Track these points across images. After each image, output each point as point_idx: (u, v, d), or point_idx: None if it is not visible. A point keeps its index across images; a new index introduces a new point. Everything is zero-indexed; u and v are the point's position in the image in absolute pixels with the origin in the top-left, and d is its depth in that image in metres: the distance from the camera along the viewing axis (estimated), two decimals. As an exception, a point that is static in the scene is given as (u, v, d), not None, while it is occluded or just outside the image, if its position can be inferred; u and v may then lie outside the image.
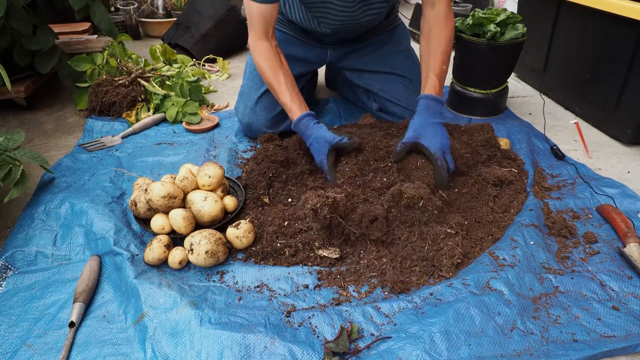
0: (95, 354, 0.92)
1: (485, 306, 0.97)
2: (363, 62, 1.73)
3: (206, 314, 0.97)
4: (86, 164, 1.56)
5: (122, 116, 1.86)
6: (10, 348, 0.93)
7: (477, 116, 1.89)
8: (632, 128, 1.66)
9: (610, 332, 0.95)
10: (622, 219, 1.22)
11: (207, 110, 1.99)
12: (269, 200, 1.32)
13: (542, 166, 1.53)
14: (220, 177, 1.26)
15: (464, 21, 1.81)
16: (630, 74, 1.61)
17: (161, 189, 1.16)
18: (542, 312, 0.99)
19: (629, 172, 1.54)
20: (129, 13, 3.04)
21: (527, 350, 0.90)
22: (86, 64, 1.96)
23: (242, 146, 1.66)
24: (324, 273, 1.10)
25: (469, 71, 1.88)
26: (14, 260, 1.15)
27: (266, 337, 0.92)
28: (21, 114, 1.94)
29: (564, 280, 1.07)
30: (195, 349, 0.90)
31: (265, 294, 1.05)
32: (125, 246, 1.17)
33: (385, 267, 1.09)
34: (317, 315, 0.98)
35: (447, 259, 1.08)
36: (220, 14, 2.57)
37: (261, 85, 1.65)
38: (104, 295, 1.06)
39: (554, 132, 1.80)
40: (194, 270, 1.13)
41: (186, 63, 2.31)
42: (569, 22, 1.88)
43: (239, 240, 1.15)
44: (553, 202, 1.35)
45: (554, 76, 2.04)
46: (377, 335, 0.94)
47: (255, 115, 1.64)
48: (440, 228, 1.14)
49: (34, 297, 1.05)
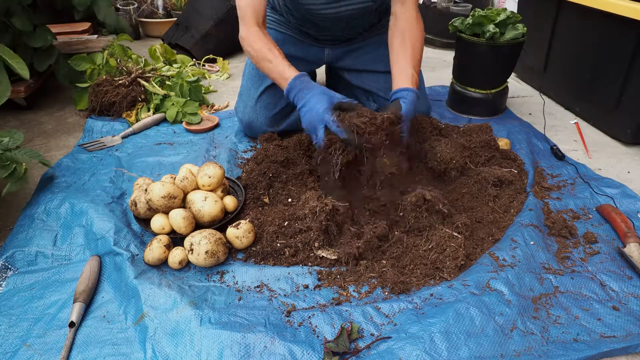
0: (95, 354, 0.92)
1: (485, 306, 0.97)
2: (361, 62, 1.74)
3: (206, 314, 0.97)
4: (86, 164, 1.56)
5: (122, 116, 1.86)
6: (10, 348, 0.93)
7: (477, 116, 1.89)
8: (632, 128, 1.66)
9: (610, 333, 0.95)
10: (622, 219, 1.22)
11: (207, 110, 1.99)
12: (269, 200, 1.32)
13: (542, 166, 1.53)
14: (220, 177, 1.26)
15: (464, 21, 1.81)
16: (630, 74, 1.61)
17: (161, 189, 1.16)
18: (542, 313, 0.99)
19: (629, 172, 1.54)
20: (129, 13, 3.04)
21: (527, 350, 0.90)
22: (86, 64, 1.96)
23: (242, 146, 1.66)
24: (324, 273, 1.10)
25: (469, 71, 1.88)
26: (14, 260, 1.15)
27: (266, 336, 0.92)
28: (21, 114, 1.94)
29: (564, 281, 1.07)
30: (196, 349, 0.90)
31: (265, 294, 1.05)
32: (125, 246, 1.17)
33: (385, 268, 1.09)
34: (317, 315, 0.98)
35: (451, 260, 1.08)
36: (220, 14, 2.57)
37: (261, 84, 1.65)
38: (104, 295, 1.06)
39: (554, 132, 1.80)
40: (194, 270, 1.13)
41: (186, 63, 2.31)
42: (569, 22, 1.88)
43: (239, 240, 1.15)
44: (553, 202, 1.35)
45: (554, 76, 2.05)
46: (377, 335, 0.94)
47: (256, 113, 1.64)
48: (445, 230, 1.14)
49: (34, 297, 1.05)
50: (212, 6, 2.58)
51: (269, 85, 1.64)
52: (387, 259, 1.11)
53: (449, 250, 1.10)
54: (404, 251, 1.12)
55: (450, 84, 1.99)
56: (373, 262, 1.11)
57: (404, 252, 1.12)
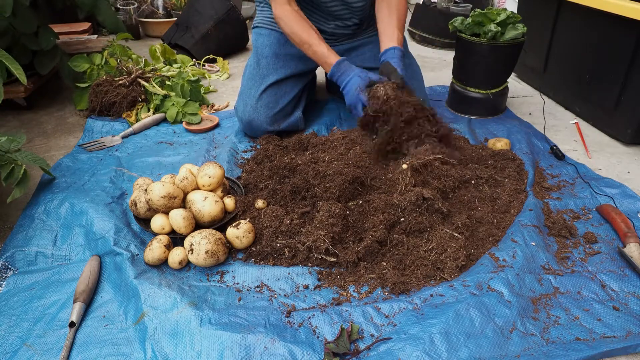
0: (95, 354, 0.92)
1: (485, 307, 0.97)
2: (361, 60, 1.75)
3: (206, 314, 0.97)
4: (86, 164, 1.56)
5: (122, 116, 1.86)
6: (10, 348, 0.93)
7: (477, 116, 1.89)
8: (632, 128, 1.66)
9: (610, 333, 0.95)
10: (622, 219, 1.22)
11: (207, 110, 1.99)
12: (268, 200, 1.32)
13: (542, 166, 1.53)
14: (220, 177, 1.26)
15: (464, 21, 1.81)
16: (630, 74, 1.61)
17: (161, 189, 1.16)
18: (542, 313, 0.99)
19: (629, 172, 1.54)
20: (129, 13, 3.04)
21: (527, 351, 0.90)
22: (85, 64, 1.96)
23: (242, 146, 1.66)
24: (324, 273, 1.10)
25: (469, 71, 1.88)
26: (14, 260, 1.15)
27: (266, 337, 0.92)
28: (21, 114, 1.94)
29: (564, 281, 1.07)
30: (196, 350, 0.90)
31: (265, 294, 1.05)
32: (125, 246, 1.17)
33: (386, 270, 1.09)
34: (317, 315, 0.98)
35: (451, 261, 1.08)
36: (220, 14, 2.57)
37: (262, 83, 1.65)
38: (103, 295, 1.06)
39: (554, 132, 1.80)
40: (194, 270, 1.13)
41: (186, 63, 2.31)
42: (569, 22, 1.88)
43: (239, 240, 1.15)
44: (553, 202, 1.35)
45: (554, 76, 2.04)
46: (377, 336, 0.94)
47: (256, 112, 1.64)
48: (446, 230, 1.14)
49: (34, 297, 1.05)
50: (212, 6, 2.58)
51: (269, 84, 1.65)
52: (387, 260, 1.11)
53: (450, 250, 1.10)
54: (405, 252, 1.12)
55: (450, 84, 1.99)
56: (373, 264, 1.11)
57: (405, 253, 1.12)
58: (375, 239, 1.12)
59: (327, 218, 1.13)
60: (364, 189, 1.26)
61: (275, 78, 1.66)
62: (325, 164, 1.32)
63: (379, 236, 1.12)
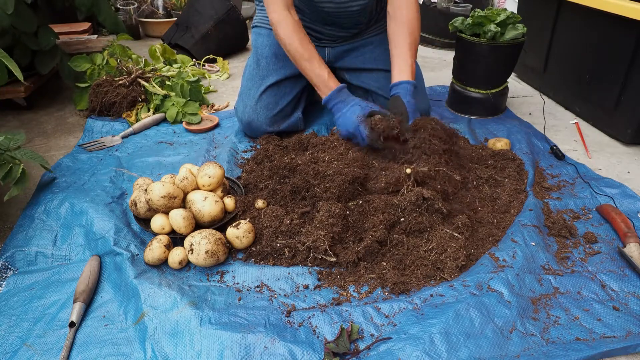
0: (95, 354, 0.92)
1: (485, 307, 0.97)
2: (361, 61, 1.74)
3: (206, 314, 0.97)
4: (86, 164, 1.56)
5: (122, 116, 1.86)
6: (10, 348, 0.93)
7: (477, 116, 1.89)
8: (632, 128, 1.66)
9: (610, 333, 0.95)
10: (622, 219, 1.22)
11: (207, 110, 1.99)
12: (268, 200, 1.32)
13: (542, 166, 1.53)
14: (220, 177, 1.26)
15: (464, 21, 1.81)
16: (630, 74, 1.61)
17: (161, 189, 1.16)
18: (541, 313, 0.99)
19: (629, 172, 1.54)
20: (129, 13, 3.04)
21: (527, 351, 0.90)
22: (86, 64, 1.96)
23: (242, 146, 1.66)
24: (324, 273, 1.10)
25: (469, 71, 1.88)
26: (14, 260, 1.15)
27: (266, 337, 0.92)
28: (21, 114, 1.94)
29: (564, 281, 1.07)
30: (196, 349, 0.90)
31: (265, 294, 1.05)
32: (125, 246, 1.17)
33: (386, 270, 1.09)
34: (317, 315, 0.98)
35: (451, 261, 1.08)
36: (220, 14, 2.57)
37: (261, 84, 1.65)
38: (103, 295, 1.06)
39: (554, 132, 1.80)
40: (194, 270, 1.13)
41: (186, 63, 2.31)
42: (569, 22, 1.88)
43: (239, 240, 1.15)
44: (553, 202, 1.35)
45: (554, 76, 2.04)
46: (377, 336, 0.94)
47: (256, 113, 1.64)
48: (446, 230, 1.14)
49: (34, 297, 1.05)
50: (212, 6, 2.58)
51: (269, 85, 1.65)
52: (387, 260, 1.11)
53: (450, 250, 1.10)
54: (405, 252, 1.12)
55: (450, 84, 1.99)
56: (373, 264, 1.11)
57: (405, 253, 1.12)
58: (375, 239, 1.12)
59: (327, 218, 1.13)
60: (364, 189, 1.27)
61: (275, 79, 1.66)
62: (325, 164, 1.32)
63: (379, 236, 1.12)
